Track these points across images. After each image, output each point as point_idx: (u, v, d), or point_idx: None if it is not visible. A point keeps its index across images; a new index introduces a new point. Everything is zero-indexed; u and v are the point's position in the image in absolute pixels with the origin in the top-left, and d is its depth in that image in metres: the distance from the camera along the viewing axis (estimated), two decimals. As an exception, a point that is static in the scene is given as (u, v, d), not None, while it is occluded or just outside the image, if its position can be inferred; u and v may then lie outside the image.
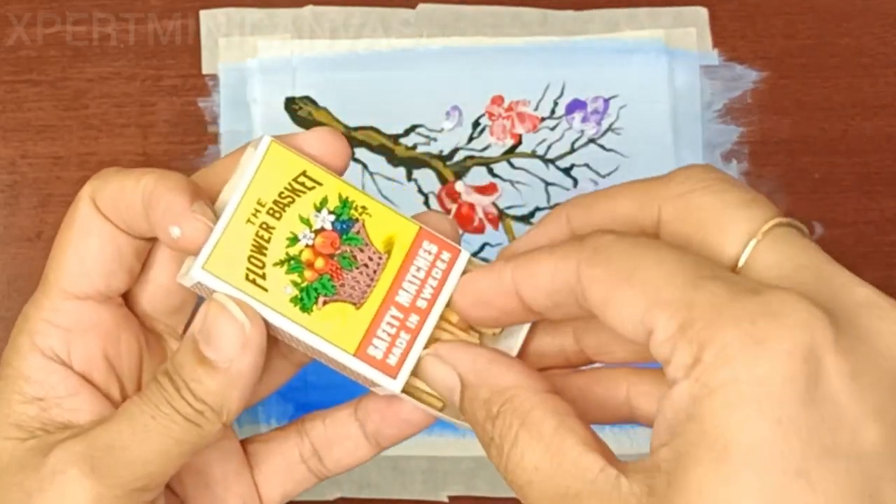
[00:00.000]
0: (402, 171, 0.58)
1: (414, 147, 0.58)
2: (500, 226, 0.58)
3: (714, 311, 0.31)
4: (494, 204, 0.58)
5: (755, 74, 0.60)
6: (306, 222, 0.39)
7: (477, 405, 0.36)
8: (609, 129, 0.59)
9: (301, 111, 0.58)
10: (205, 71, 0.59)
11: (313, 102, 0.59)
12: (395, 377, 0.39)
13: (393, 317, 0.39)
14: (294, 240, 0.39)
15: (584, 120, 0.59)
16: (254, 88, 0.58)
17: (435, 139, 0.59)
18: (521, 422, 0.35)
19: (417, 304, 0.39)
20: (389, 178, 0.58)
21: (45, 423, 0.39)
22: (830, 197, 0.59)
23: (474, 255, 0.41)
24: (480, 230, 0.58)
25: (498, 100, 0.59)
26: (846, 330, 0.31)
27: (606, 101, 0.59)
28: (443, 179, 0.58)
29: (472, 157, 0.58)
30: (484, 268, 0.39)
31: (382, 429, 0.42)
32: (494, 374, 0.37)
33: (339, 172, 0.40)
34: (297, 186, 0.39)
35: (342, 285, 0.39)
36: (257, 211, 0.38)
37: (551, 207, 0.58)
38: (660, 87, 0.59)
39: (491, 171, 0.58)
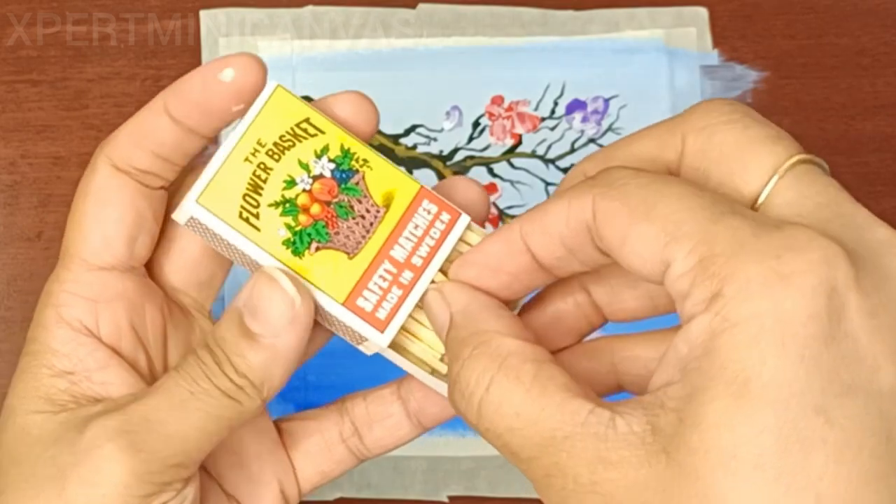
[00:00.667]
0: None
1: (414, 147, 0.58)
2: (501, 226, 0.58)
3: (736, 245, 0.30)
4: (494, 204, 0.58)
5: (755, 74, 0.60)
6: (305, 167, 0.38)
7: (454, 344, 0.35)
8: (609, 129, 0.59)
9: (301, 111, 0.58)
10: (205, 71, 0.59)
11: (313, 102, 0.59)
12: (383, 331, 0.38)
13: (386, 270, 0.38)
14: (291, 183, 0.38)
15: (584, 120, 0.59)
16: (254, 88, 0.58)
17: (435, 139, 0.59)
18: (497, 365, 0.33)
19: (413, 262, 0.38)
20: (389, 178, 0.58)
21: (75, 395, 0.38)
22: (830, 197, 0.59)
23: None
24: (480, 230, 0.58)
25: (498, 100, 0.59)
26: (867, 269, 0.31)
27: (606, 101, 0.59)
28: (443, 179, 0.58)
29: (472, 157, 0.58)
30: (489, 234, 0.37)
31: (425, 407, 0.41)
32: (481, 317, 0.36)
33: (367, 138, 0.40)
34: (298, 132, 0.38)
35: (336, 233, 0.38)
36: (256, 151, 0.38)
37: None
38: (660, 87, 0.59)
39: (491, 171, 0.58)
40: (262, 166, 0.38)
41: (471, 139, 0.59)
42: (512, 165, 0.58)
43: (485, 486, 0.55)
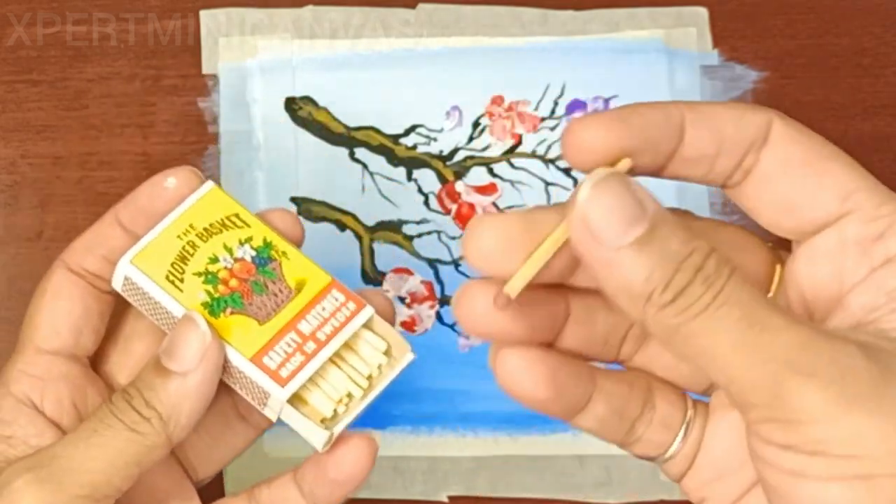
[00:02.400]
0: (402, 171, 0.58)
1: (414, 147, 0.58)
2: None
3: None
4: (494, 204, 0.58)
5: (755, 74, 0.60)
6: (229, 250, 0.43)
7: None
8: (609, 129, 0.59)
9: (301, 111, 0.58)
10: (205, 71, 0.59)
11: (313, 102, 0.59)
12: (283, 386, 0.41)
13: (292, 339, 0.42)
14: (215, 260, 0.43)
15: (584, 120, 0.59)
16: (254, 88, 0.58)
17: (435, 139, 0.59)
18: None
19: (317, 336, 0.42)
20: (389, 178, 0.58)
21: (9, 458, 0.42)
22: (830, 197, 0.59)
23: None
24: (480, 230, 0.58)
25: (498, 100, 0.59)
26: None
27: (606, 101, 0.59)
28: (443, 179, 0.58)
29: (472, 157, 0.58)
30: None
31: (314, 489, 0.44)
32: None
33: (298, 244, 0.44)
34: (227, 223, 0.44)
35: (251, 304, 0.43)
36: (188, 231, 0.43)
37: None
38: (660, 88, 0.59)
39: (491, 171, 0.58)
40: (190, 244, 0.43)
41: (471, 139, 0.59)
42: (512, 165, 0.58)
43: (485, 486, 0.55)
